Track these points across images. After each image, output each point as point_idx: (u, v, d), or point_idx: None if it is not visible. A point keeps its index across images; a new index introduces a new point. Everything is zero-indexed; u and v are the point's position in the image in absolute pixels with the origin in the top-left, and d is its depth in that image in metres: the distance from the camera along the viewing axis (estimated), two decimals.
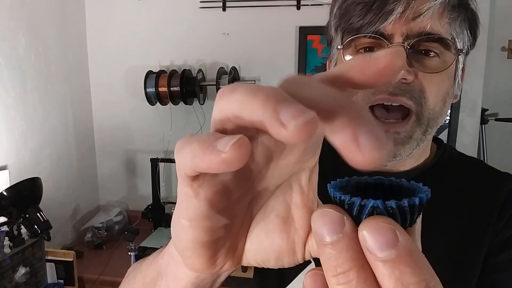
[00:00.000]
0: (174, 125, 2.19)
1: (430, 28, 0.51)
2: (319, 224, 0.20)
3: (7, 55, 1.67)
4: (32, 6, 1.80)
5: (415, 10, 0.50)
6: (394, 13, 0.50)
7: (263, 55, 2.09)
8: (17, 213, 1.49)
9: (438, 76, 0.53)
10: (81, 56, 2.21)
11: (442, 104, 0.55)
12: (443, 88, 0.55)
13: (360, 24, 0.52)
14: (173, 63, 2.16)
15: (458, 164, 0.64)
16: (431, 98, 0.53)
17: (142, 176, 2.29)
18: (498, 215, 0.56)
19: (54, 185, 1.94)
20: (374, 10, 0.51)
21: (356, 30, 0.53)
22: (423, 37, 0.51)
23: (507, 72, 2.15)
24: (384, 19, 0.50)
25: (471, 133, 2.01)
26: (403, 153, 0.55)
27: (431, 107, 0.54)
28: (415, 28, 0.51)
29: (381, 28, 0.51)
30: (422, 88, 0.53)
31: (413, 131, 0.54)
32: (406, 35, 0.51)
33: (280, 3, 2.02)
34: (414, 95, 0.52)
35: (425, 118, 0.54)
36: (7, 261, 1.44)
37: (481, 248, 0.56)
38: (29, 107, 1.79)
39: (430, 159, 0.64)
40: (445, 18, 0.52)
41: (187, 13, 2.11)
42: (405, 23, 0.51)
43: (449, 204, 0.59)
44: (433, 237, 0.57)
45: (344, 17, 0.55)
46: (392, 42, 0.51)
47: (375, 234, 0.19)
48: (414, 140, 0.55)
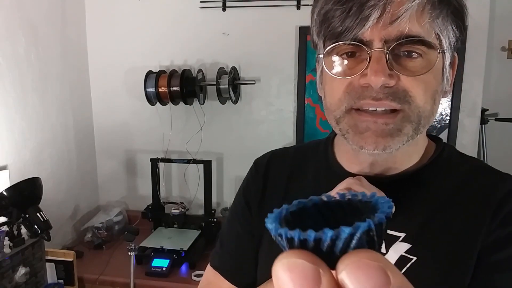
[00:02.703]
0: (174, 125, 2.19)
1: (409, 30, 0.50)
2: (285, 279, 0.16)
3: (7, 55, 1.66)
4: (32, 6, 1.80)
5: (392, 14, 0.50)
6: (370, 19, 0.50)
7: (263, 55, 2.09)
8: (17, 213, 1.49)
9: (423, 76, 0.53)
10: (81, 56, 2.21)
11: (432, 102, 0.55)
12: (430, 87, 0.54)
13: (339, 30, 0.52)
14: (173, 63, 2.16)
15: (456, 164, 0.64)
16: (419, 97, 0.53)
17: (142, 176, 2.29)
18: (493, 216, 0.56)
19: (54, 185, 1.94)
20: (352, 16, 0.50)
21: (336, 37, 0.53)
22: (402, 40, 0.50)
23: (507, 72, 2.15)
24: (362, 25, 0.50)
25: (471, 133, 2.01)
26: (392, 145, 0.54)
27: (420, 105, 0.53)
28: (394, 32, 0.50)
29: (359, 35, 0.51)
30: (406, 89, 0.52)
31: (403, 126, 0.54)
32: (385, 40, 0.51)
33: (280, 3, 2.02)
34: (398, 95, 0.52)
35: (415, 115, 0.54)
36: (7, 261, 1.44)
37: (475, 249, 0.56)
38: (29, 107, 1.79)
39: (426, 159, 0.63)
40: (426, 17, 0.51)
41: (187, 13, 2.11)
42: (382, 28, 0.50)
43: (443, 205, 0.59)
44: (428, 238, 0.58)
45: (324, 23, 0.55)
46: (372, 48, 0.51)
47: (361, 279, 0.15)
48: (404, 135, 0.54)
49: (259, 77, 2.11)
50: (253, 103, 2.15)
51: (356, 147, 0.56)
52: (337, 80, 0.56)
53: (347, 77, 0.54)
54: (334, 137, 0.72)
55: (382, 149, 0.54)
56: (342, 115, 0.56)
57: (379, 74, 0.50)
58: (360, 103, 0.53)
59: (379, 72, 0.50)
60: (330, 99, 0.58)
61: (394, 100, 0.52)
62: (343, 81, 0.55)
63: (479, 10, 1.86)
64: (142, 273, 1.72)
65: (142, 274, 1.72)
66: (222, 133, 2.19)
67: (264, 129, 2.16)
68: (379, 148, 0.54)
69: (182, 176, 2.23)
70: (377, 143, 0.54)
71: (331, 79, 0.57)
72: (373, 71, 0.51)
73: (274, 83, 2.12)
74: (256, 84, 2.07)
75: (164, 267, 1.73)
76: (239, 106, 2.14)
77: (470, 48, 1.89)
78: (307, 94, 2.07)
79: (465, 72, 1.91)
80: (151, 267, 1.73)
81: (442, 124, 1.99)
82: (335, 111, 0.57)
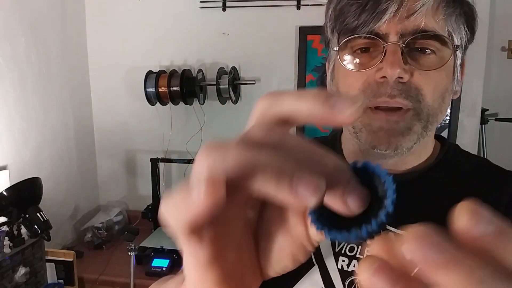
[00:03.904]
0: (174, 125, 2.19)
1: (425, 25, 0.51)
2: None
3: (7, 55, 1.66)
4: (32, 6, 1.80)
5: (408, 8, 0.50)
6: (387, 12, 0.50)
7: (263, 55, 2.09)
8: (17, 213, 1.49)
9: (435, 73, 0.53)
10: (81, 56, 2.21)
11: (441, 100, 0.55)
12: (441, 84, 0.55)
13: (355, 25, 0.52)
14: (173, 63, 2.16)
15: (462, 163, 0.63)
16: (429, 95, 0.53)
17: (142, 176, 2.29)
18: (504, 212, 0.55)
19: (54, 185, 1.94)
20: (368, 10, 0.51)
21: (351, 31, 0.53)
22: (418, 34, 0.51)
23: (507, 72, 2.15)
24: (378, 19, 0.51)
25: (471, 133, 2.01)
26: (404, 144, 0.54)
27: (430, 103, 0.54)
28: (410, 26, 0.51)
29: (375, 28, 0.51)
30: (419, 86, 0.53)
31: (412, 124, 0.54)
32: (401, 34, 0.51)
33: (280, 3, 2.02)
34: (410, 94, 0.53)
35: (424, 114, 0.54)
36: (7, 261, 1.44)
37: None
38: (29, 107, 1.79)
39: (433, 158, 0.63)
40: (440, 14, 0.52)
41: (187, 13, 2.11)
42: (399, 21, 0.51)
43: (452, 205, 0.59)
44: None
45: (339, 18, 0.55)
46: (387, 41, 0.52)
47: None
48: (414, 133, 0.54)
49: (259, 77, 2.11)
50: (253, 103, 2.08)
51: (368, 146, 0.56)
52: (351, 77, 0.56)
53: (361, 70, 0.54)
54: (340, 135, 0.71)
55: (394, 148, 0.54)
56: None
57: (395, 66, 0.50)
58: (376, 101, 0.53)
59: (395, 64, 0.51)
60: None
61: (407, 98, 0.52)
62: (358, 78, 0.55)
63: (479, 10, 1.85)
64: (142, 273, 1.72)
65: (142, 274, 1.72)
66: (222, 133, 2.19)
67: None
68: (391, 148, 0.54)
69: (182, 176, 2.23)
70: (390, 143, 0.54)
71: (345, 76, 0.57)
72: (389, 62, 0.51)
73: (274, 83, 2.12)
74: (256, 84, 2.07)
75: (164, 267, 1.73)
76: (239, 106, 2.14)
77: (470, 48, 1.88)
78: None
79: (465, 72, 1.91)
80: (151, 267, 1.73)
81: (442, 124, 1.99)
82: None
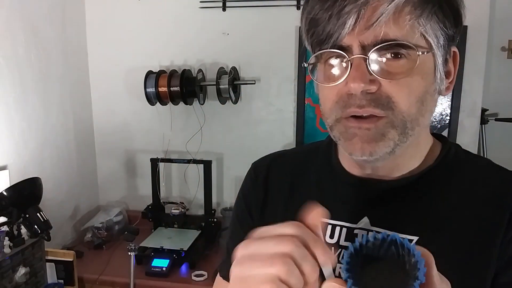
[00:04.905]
0: (174, 125, 2.19)
1: (384, 35, 0.49)
2: None
3: (7, 55, 1.67)
4: (32, 6, 1.80)
5: (367, 19, 0.49)
6: (346, 26, 0.50)
7: (263, 55, 2.09)
8: (17, 213, 1.49)
9: (407, 79, 0.52)
10: (81, 56, 2.21)
11: (420, 104, 0.54)
12: (417, 89, 0.53)
13: (322, 38, 0.53)
14: (173, 63, 2.16)
15: (464, 164, 0.62)
16: (402, 102, 0.52)
17: (142, 176, 2.29)
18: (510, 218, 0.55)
19: (54, 185, 1.94)
20: (331, 23, 0.51)
21: (320, 44, 0.54)
22: (378, 46, 0.50)
23: (507, 72, 2.14)
24: (339, 32, 0.50)
25: (471, 133, 2.01)
26: (378, 150, 0.54)
27: (404, 109, 0.52)
28: (370, 38, 0.50)
29: (338, 41, 0.51)
30: (390, 94, 0.52)
31: (386, 131, 0.53)
32: (363, 45, 0.51)
33: (280, 3, 2.02)
34: (381, 102, 0.52)
35: (399, 121, 0.53)
36: (7, 261, 1.44)
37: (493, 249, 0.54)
38: (29, 107, 1.79)
39: (433, 159, 0.62)
40: (405, 19, 0.50)
41: (187, 13, 2.11)
42: (359, 33, 0.50)
43: (455, 208, 0.58)
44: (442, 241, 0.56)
45: (309, 31, 0.55)
46: (352, 53, 0.51)
47: None
48: (390, 140, 0.53)
49: (259, 77, 2.11)
50: (253, 103, 2.15)
51: (346, 153, 0.57)
52: (326, 88, 0.56)
53: (330, 84, 0.54)
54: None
55: (369, 154, 0.54)
56: (334, 124, 0.57)
57: (357, 81, 0.50)
58: (347, 111, 0.53)
59: (357, 79, 0.50)
60: (323, 106, 0.59)
61: (377, 107, 0.52)
62: (332, 90, 0.55)
63: (479, 10, 1.86)
64: (142, 273, 1.72)
65: (142, 274, 1.72)
66: (222, 133, 2.19)
67: (264, 129, 2.16)
68: (366, 154, 0.54)
69: (182, 176, 2.23)
70: (363, 149, 0.54)
71: (322, 87, 0.58)
72: (352, 78, 0.51)
73: (274, 83, 2.12)
74: (256, 84, 2.07)
75: (164, 267, 1.73)
76: (239, 106, 2.14)
77: (470, 48, 1.89)
78: (307, 94, 2.07)
79: (465, 72, 1.91)
80: (151, 267, 1.74)
81: (442, 124, 1.99)
82: (328, 119, 0.58)
